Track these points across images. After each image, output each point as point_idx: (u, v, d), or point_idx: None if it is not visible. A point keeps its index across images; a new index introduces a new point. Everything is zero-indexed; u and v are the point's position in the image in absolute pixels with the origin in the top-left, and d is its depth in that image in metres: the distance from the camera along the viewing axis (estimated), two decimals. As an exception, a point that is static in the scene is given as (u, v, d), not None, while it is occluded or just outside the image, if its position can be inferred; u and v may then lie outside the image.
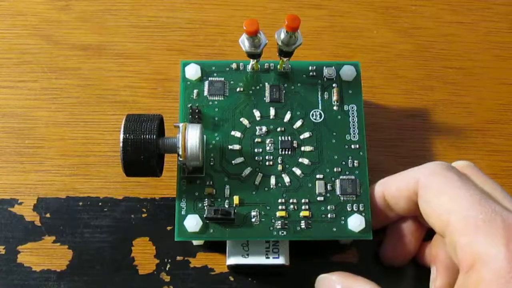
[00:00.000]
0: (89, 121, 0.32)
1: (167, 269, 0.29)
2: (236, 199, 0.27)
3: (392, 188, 0.27)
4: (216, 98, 0.29)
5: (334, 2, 0.36)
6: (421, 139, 0.32)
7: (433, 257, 0.27)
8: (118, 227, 0.30)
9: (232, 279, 0.29)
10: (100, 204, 0.30)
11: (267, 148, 0.28)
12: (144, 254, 0.29)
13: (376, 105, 0.33)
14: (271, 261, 0.27)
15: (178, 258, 0.29)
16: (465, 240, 0.22)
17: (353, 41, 0.35)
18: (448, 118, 0.33)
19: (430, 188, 0.25)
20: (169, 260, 0.29)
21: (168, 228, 0.30)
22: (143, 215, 0.30)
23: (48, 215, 0.30)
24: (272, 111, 0.29)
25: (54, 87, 0.33)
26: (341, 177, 0.28)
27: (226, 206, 0.27)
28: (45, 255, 0.29)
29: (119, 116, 0.32)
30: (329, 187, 0.28)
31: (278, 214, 0.27)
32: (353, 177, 0.28)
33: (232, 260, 0.27)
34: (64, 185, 0.30)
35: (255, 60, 0.29)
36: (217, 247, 0.29)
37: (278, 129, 0.29)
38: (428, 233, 0.28)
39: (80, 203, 0.30)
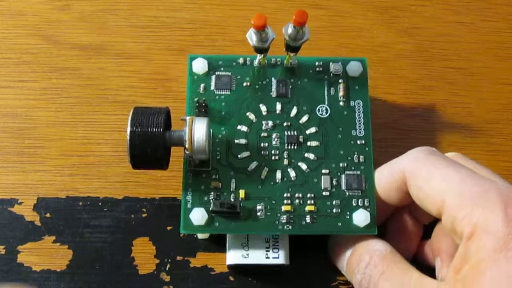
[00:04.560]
0: (89, 121, 0.32)
1: (167, 269, 0.29)
2: (241, 193, 0.27)
3: (381, 183, 0.27)
4: (223, 92, 0.29)
5: (334, 2, 0.36)
6: (421, 139, 0.32)
7: (436, 250, 0.27)
8: (118, 227, 0.30)
9: (232, 279, 0.29)
10: (100, 204, 0.30)
11: (273, 142, 0.28)
12: (144, 254, 0.29)
13: (376, 105, 0.33)
14: (271, 261, 0.27)
15: (178, 258, 0.29)
16: (463, 213, 0.22)
17: (353, 41, 0.35)
18: (448, 118, 0.33)
19: (418, 175, 0.25)
20: (169, 260, 0.29)
21: (168, 228, 0.30)
22: (143, 215, 0.30)
23: (48, 215, 0.30)
24: (278, 106, 0.29)
25: (54, 87, 0.33)
26: (346, 172, 0.28)
27: (232, 199, 0.27)
28: (45, 255, 0.29)
29: (119, 116, 0.32)
30: (334, 182, 0.28)
31: (284, 208, 0.27)
32: (358, 172, 0.28)
33: (232, 260, 0.27)
34: (64, 185, 0.30)
35: (262, 55, 0.29)
36: (218, 245, 0.29)
37: (284, 124, 0.29)
38: (426, 233, 0.28)
39: (80, 203, 0.30)
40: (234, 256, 0.27)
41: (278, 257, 0.27)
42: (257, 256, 0.27)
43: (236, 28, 0.35)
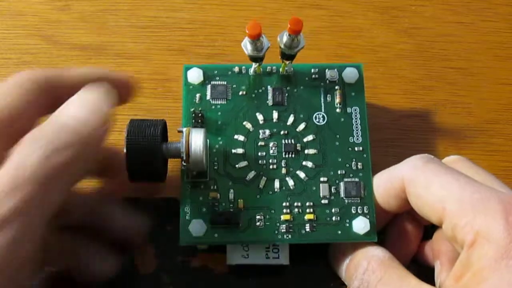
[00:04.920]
0: (89, 121, 0.32)
1: (167, 269, 0.29)
2: (240, 203, 0.27)
3: (379, 190, 0.27)
4: (219, 102, 0.29)
5: (334, 2, 0.36)
6: (421, 139, 0.32)
7: (436, 252, 0.27)
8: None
9: (232, 279, 0.29)
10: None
11: (271, 151, 0.28)
12: (144, 254, 0.29)
13: (376, 105, 0.33)
14: (271, 261, 0.27)
15: (178, 258, 0.29)
16: (465, 221, 0.22)
17: (353, 41, 0.35)
18: (448, 118, 0.33)
19: (417, 183, 0.25)
20: (169, 260, 0.29)
21: (168, 228, 0.30)
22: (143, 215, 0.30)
23: (48, 215, 0.30)
24: (275, 114, 0.29)
25: (54, 87, 0.33)
26: (345, 179, 0.28)
27: (231, 210, 0.27)
28: (45, 255, 0.29)
29: (119, 116, 0.32)
30: (333, 190, 0.28)
31: (283, 217, 0.27)
32: (357, 179, 0.28)
33: (232, 260, 0.27)
34: (64, 185, 0.30)
35: (258, 64, 0.29)
36: (218, 246, 0.29)
37: (281, 132, 0.29)
38: (426, 233, 0.28)
39: (80, 203, 0.30)
40: (234, 256, 0.27)
41: (278, 257, 0.27)
42: (257, 256, 0.27)
43: (236, 28, 0.34)
